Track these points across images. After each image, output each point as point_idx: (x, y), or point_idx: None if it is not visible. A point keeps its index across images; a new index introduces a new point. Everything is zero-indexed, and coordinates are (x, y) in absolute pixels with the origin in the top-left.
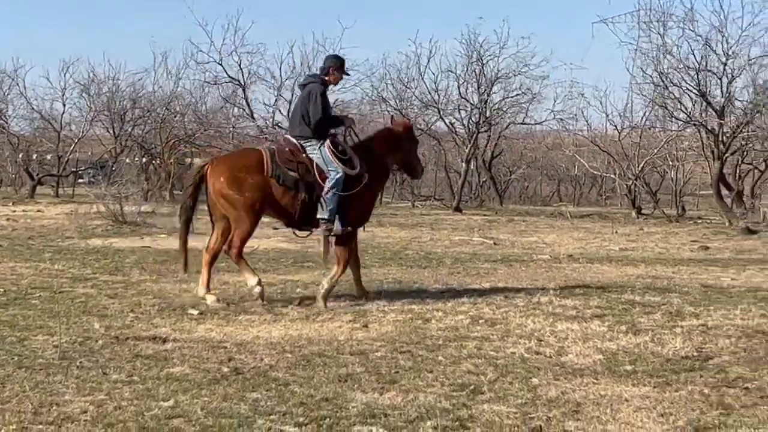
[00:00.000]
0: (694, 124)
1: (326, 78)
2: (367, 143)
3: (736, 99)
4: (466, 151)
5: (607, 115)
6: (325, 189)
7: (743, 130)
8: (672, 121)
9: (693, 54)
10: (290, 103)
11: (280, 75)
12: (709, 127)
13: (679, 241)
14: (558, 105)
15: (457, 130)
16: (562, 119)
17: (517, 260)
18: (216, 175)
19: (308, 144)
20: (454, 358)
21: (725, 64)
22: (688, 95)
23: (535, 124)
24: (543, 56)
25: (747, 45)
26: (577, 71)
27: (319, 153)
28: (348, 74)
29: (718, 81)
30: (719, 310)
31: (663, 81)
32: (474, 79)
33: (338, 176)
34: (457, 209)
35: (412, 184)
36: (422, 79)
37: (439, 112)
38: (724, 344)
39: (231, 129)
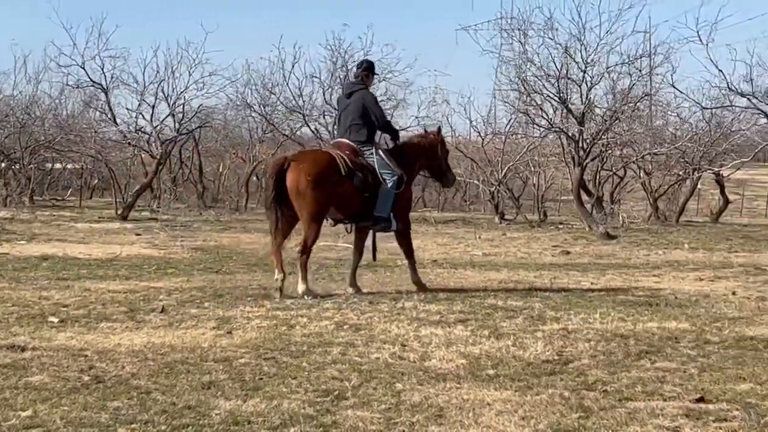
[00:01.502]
0: (555, 131)
1: (366, 83)
2: (399, 148)
3: (596, 106)
4: None
5: (471, 122)
6: (387, 189)
7: (602, 136)
8: (534, 128)
9: (553, 62)
10: (153, 107)
11: (144, 79)
12: (570, 134)
13: (541, 246)
14: (422, 111)
15: (322, 135)
16: (426, 125)
17: (382, 266)
18: (302, 173)
19: (365, 148)
20: (319, 364)
21: (584, 72)
22: (550, 102)
23: (400, 129)
24: (407, 63)
25: (605, 53)
26: (441, 77)
27: (379, 157)
28: (377, 74)
29: (578, 88)
30: (579, 314)
31: (525, 88)
32: (339, 85)
33: (395, 178)
34: None
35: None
36: (287, 84)
37: (304, 118)
38: (584, 348)
39: (93, 134)
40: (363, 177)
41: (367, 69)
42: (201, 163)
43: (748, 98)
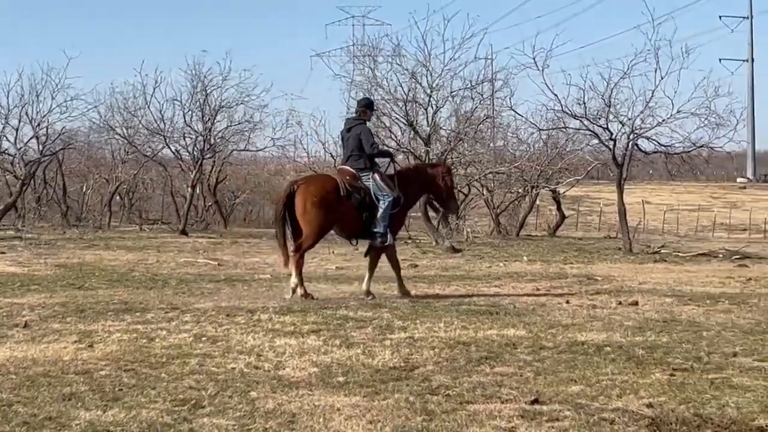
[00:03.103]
0: (404, 152)
1: (364, 118)
2: (399, 173)
3: (441, 128)
4: (192, 176)
5: (324, 144)
6: (382, 209)
7: (447, 156)
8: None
9: (401, 86)
10: (17, 130)
11: (8, 103)
12: (417, 154)
13: None
14: (278, 133)
15: (182, 156)
16: (282, 146)
17: (239, 280)
18: (308, 194)
19: (363, 174)
20: (177, 374)
21: (430, 96)
22: (398, 124)
23: (257, 150)
24: (264, 87)
25: (449, 78)
26: (297, 101)
27: (373, 181)
28: (375, 110)
29: (425, 111)
30: (425, 324)
31: (374, 111)
32: (198, 108)
33: (390, 199)
34: (183, 232)
35: (141, 208)
36: (148, 107)
37: (165, 140)
38: (429, 355)
39: None
40: (361, 198)
41: (365, 106)
42: (65, 184)
43: (580, 120)
